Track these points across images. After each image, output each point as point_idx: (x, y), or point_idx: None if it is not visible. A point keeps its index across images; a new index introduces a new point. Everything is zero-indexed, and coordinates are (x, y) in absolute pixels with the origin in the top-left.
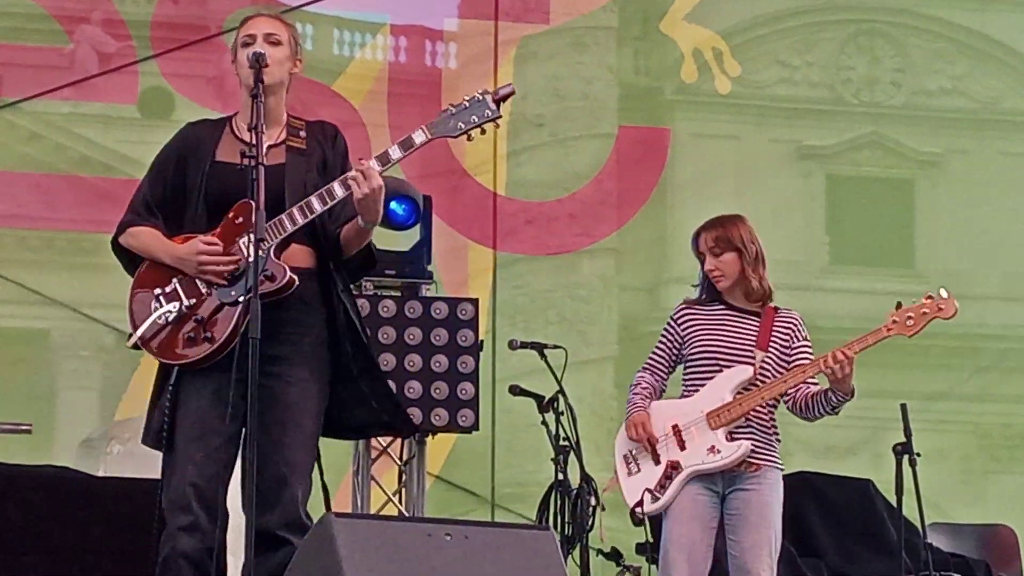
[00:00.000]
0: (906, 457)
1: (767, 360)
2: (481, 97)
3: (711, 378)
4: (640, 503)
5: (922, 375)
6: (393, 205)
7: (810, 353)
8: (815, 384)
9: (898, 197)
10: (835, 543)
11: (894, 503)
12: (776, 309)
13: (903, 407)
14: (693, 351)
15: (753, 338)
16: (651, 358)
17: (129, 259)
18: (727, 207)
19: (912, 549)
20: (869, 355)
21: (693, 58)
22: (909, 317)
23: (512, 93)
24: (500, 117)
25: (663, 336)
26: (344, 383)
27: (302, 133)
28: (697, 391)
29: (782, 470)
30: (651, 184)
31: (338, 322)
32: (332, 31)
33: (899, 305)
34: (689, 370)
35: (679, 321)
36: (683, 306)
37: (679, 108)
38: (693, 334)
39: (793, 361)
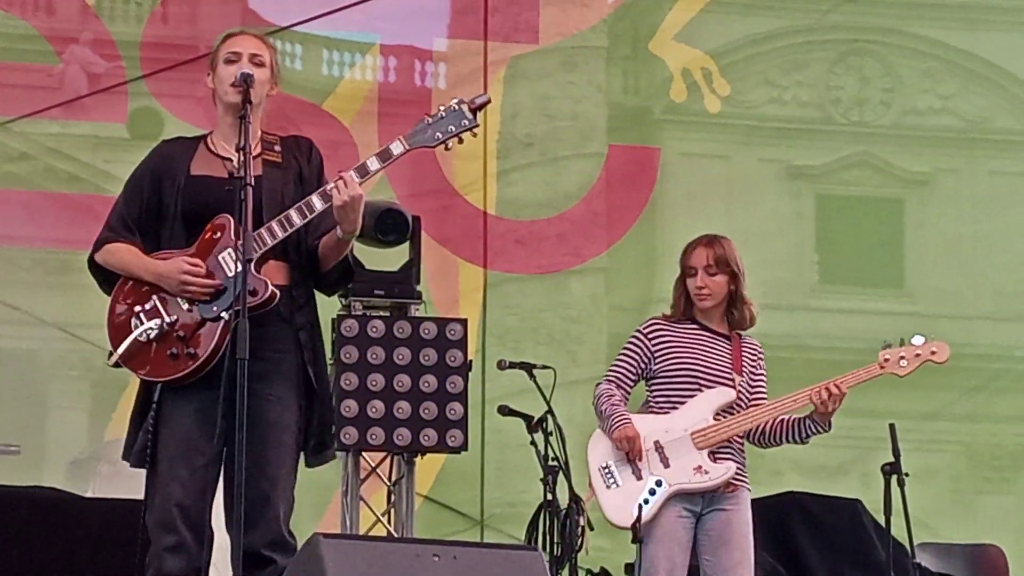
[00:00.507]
0: (895, 477)
1: (743, 384)
2: (457, 107)
3: (690, 396)
4: (640, 519)
5: (911, 395)
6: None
7: (764, 386)
8: (783, 414)
9: (888, 216)
10: (824, 563)
11: (883, 523)
12: (740, 335)
13: (891, 427)
14: (669, 366)
15: (729, 361)
16: (617, 370)
17: (104, 277)
18: (717, 227)
19: (901, 569)
20: None
21: (682, 78)
22: (902, 357)
23: (488, 102)
24: (477, 126)
25: (631, 349)
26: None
27: (276, 147)
28: (674, 408)
29: (751, 490)
30: (640, 204)
31: (301, 339)
32: (321, 51)
33: (887, 345)
34: (663, 385)
35: (650, 336)
36: (653, 321)
37: (668, 128)
38: (667, 350)
39: (754, 391)
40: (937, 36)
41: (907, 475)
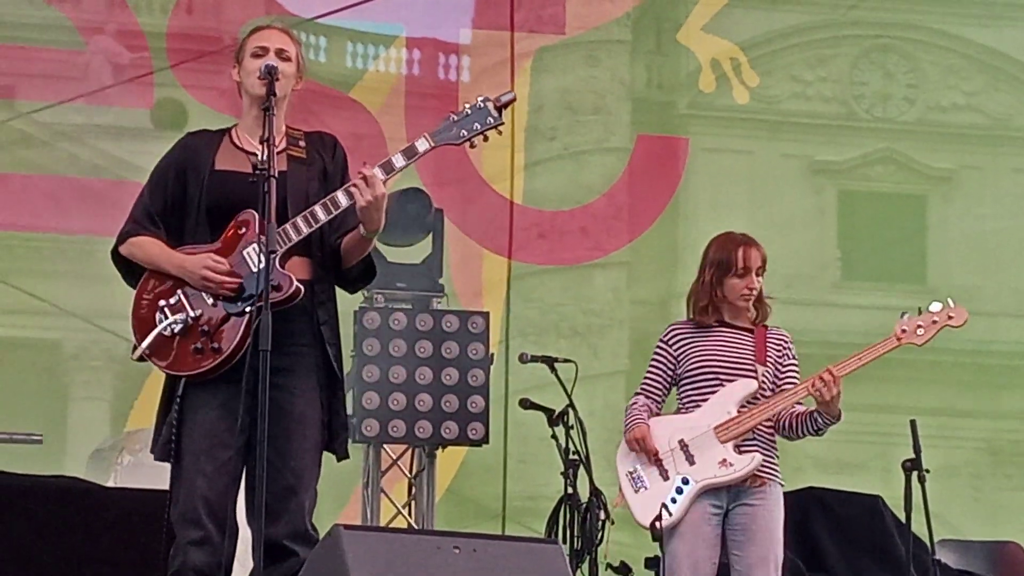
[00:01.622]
0: (915, 473)
1: (767, 374)
2: (482, 104)
3: (712, 393)
4: (659, 517)
5: (933, 391)
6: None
7: (797, 373)
8: (801, 404)
9: (910, 213)
10: (844, 559)
11: (903, 519)
12: (767, 327)
13: (912, 423)
14: (691, 368)
15: (751, 353)
16: (646, 381)
17: (128, 269)
18: (739, 222)
19: (921, 565)
20: (879, 370)
21: (711, 68)
22: (919, 326)
23: (513, 100)
24: (503, 124)
25: (656, 359)
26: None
27: (301, 143)
28: (698, 407)
29: (783, 485)
30: (663, 198)
31: (324, 334)
32: (346, 43)
33: (903, 315)
34: (687, 387)
35: (671, 342)
36: (673, 327)
37: (692, 122)
38: (688, 353)
39: (784, 378)
40: (962, 33)
41: (928, 471)
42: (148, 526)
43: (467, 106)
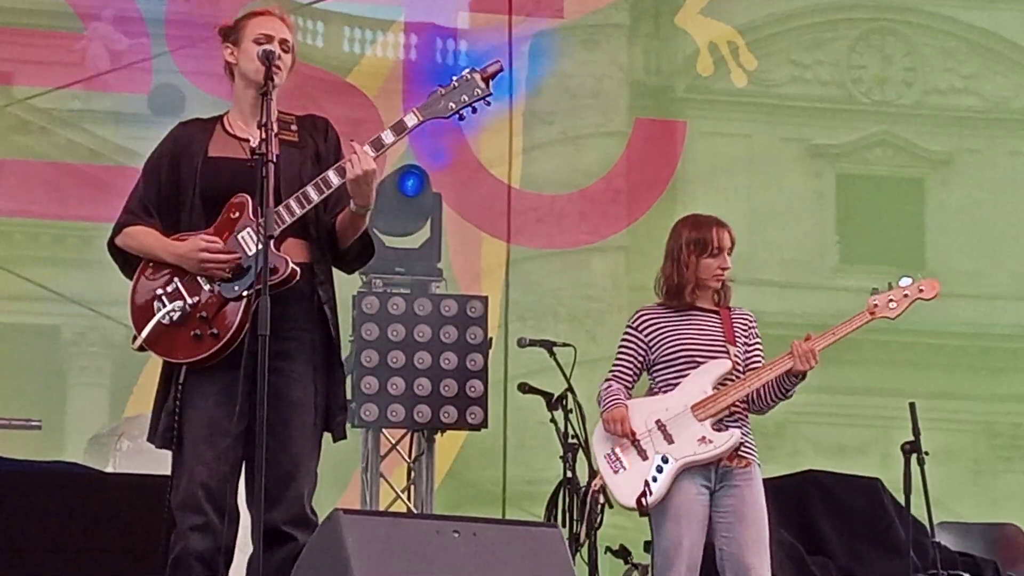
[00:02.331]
0: (914, 456)
1: (738, 354)
2: (469, 76)
3: (687, 375)
4: (644, 494)
5: (932, 374)
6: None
7: (762, 352)
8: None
9: (908, 196)
10: (843, 542)
11: (902, 502)
12: (730, 308)
13: (912, 406)
14: (667, 352)
15: (721, 334)
16: (617, 367)
17: (125, 260)
18: (738, 206)
19: (920, 548)
20: (878, 353)
21: (709, 51)
22: (891, 300)
23: (500, 70)
24: (491, 95)
25: (626, 345)
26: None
27: (293, 127)
28: (674, 388)
29: (761, 466)
30: (661, 182)
31: (326, 314)
32: (343, 28)
33: (875, 291)
34: (662, 370)
35: (641, 328)
36: (642, 312)
37: (689, 106)
38: (661, 337)
39: (750, 358)
40: (959, 16)
41: (927, 454)
42: (147, 511)
43: (454, 79)
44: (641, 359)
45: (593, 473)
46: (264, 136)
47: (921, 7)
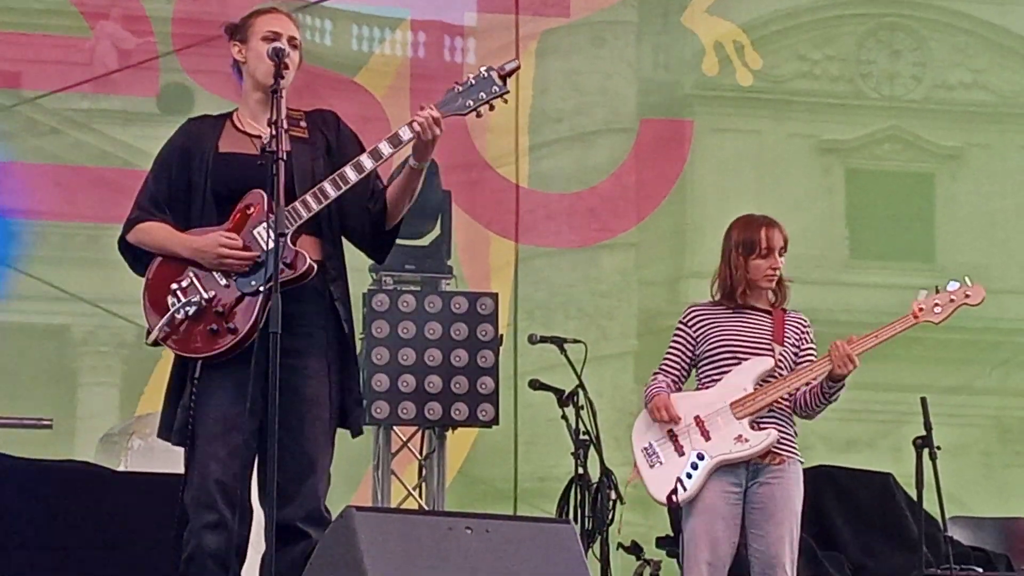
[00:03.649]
0: (926, 451)
1: (784, 354)
2: (487, 74)
3: (729, 371)
4: (675, 491)
5: (942, 369)
6: None
7: (814, 356)
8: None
9: (918, 191)
10: (855, 537)
11: (914, 497)
12: (785, 310)
13: (923, 400)
14: (711, 347)
15: (770, 333)
16: (666, 361)
17: (135, 257)
18: (747, 202)
19: (933, 542)
20: (889, 349)
21: (714, 51)
22: (936, 304)
23: (517, 68)
24: (508, 92)
25: (676, 340)
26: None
27: (302, 123)
28: (716, 384)
29: (803, 463)
30: (670, 179)
31: (339, 311)
32: (351, 26)
33: (920, 292)
34: (706, 365)
35: (690, 323)
36: (693, 308)
37: (698, 103)
38: (708, 333)
39: (801, 361)
40: (968, 10)
41: (939, 448)
42: (159, 510)
43: (471, 76)
44: (690, 354)
45: (606, 470)
46: (274, 133)
47: (930, 2)
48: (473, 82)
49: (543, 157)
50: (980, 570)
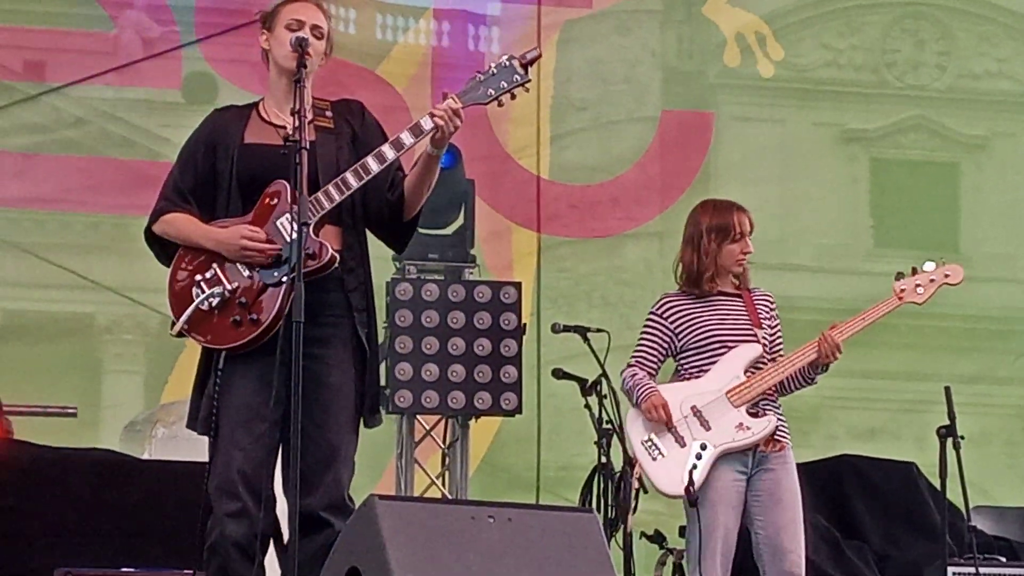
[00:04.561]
0: (950, 440)
1: (765, 336)
2: (508, 63)
3: (717, 360)
4: (692, 482)
5: (966, 357)
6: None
7: (781, 333)
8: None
9: (943, 180)
10: (879, 526)
11: (938, 486)
12: (749, 290)
13: (947, 390)
14: (694, 337)
15: (747, 317)
16: (641, 353)
17: (162, 247)
18: (771, 191)
19: (956, 532)
20: (913, 338)
21: (736, 42)
22: (918, 285)
23: (538, 57)
24: (529, 81)
25: (649, 331)
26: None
27: (328, 113)
28: (705, 373)
29: (792, 449)
30: (694, 168)
31: (353, 301)
32: (375, 16)
33: (899, 276)
34: (691, 356)
35: (666, 315)
36: (666, 299)
37: (723, 91)
38: (688, 323)
39: (774, 339)
40: None
41: (962, 438)
42: (183, 498)
43: (492, 65)
44: (666, 345)
45: (629, 459)
46: (297, 123)
47: None
48: (495, 71)
49: (567, 147)
50: (1004, 560)
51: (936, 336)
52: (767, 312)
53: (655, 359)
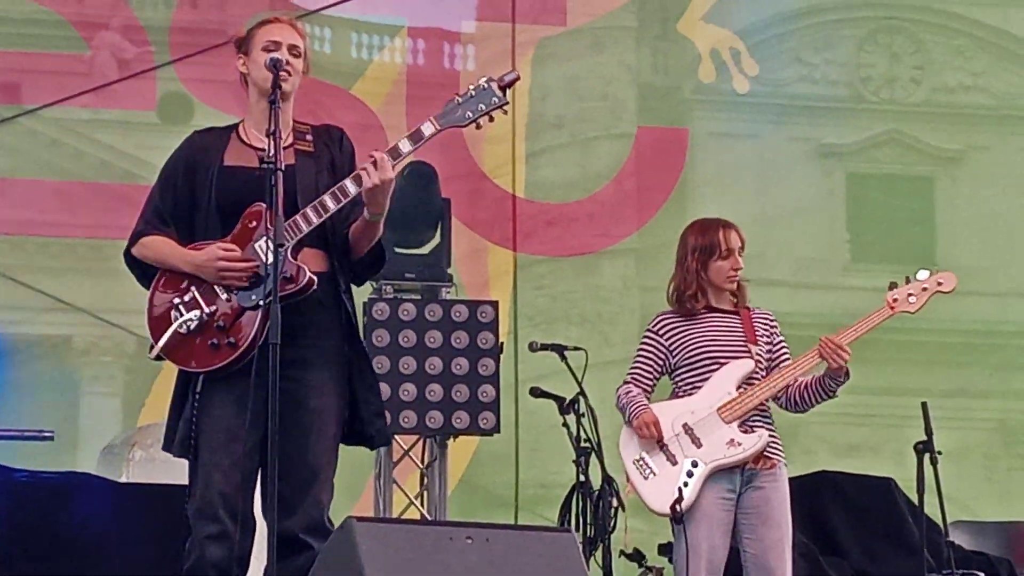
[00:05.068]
0: (927, 455)
1: (760, 353)
2: (486, 85)
3: (710, 376)
4: (679, 500)
5: (944, 372)
6: None
7: (788, 350)
8: (804, 376)
9: (919, 194)
10: (857, 542)
11: (916, 501)
12: (749, 308)
13: (924, 405)
14: (688, 355)
15: (742, 334)
16: (636, 370)
17: (142, 271)
18: (747, 206)
19: (934, 547)
20: (890, 352)
21: (711, 58)
22: (910, 294)
23: (517, 79)
24: (507, 104)
25: (645, 349)
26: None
27: (308, 136)
28: (698, 390)
29: (787, 465)
30: (671, 184)
31: (344, 324)
32: (350, 34)
33: (892, 285)
34: (684, 373)
35: (661, 332)
36: (662, 316)
37: (698, 107)
38: (682, 341)
39: (777, 358)
40: (968, 13)
41: (940, 453)
42: (161, 521)
43: (471, 88)
44: (660, 362)
45: (607, 477)
46: (272, 144)
47: (929, 5)
48: (473, 93)
49: (543, 164)
50: (982, 574)
51: (913, 350)
52: (766, 329)
53: (650, 376)
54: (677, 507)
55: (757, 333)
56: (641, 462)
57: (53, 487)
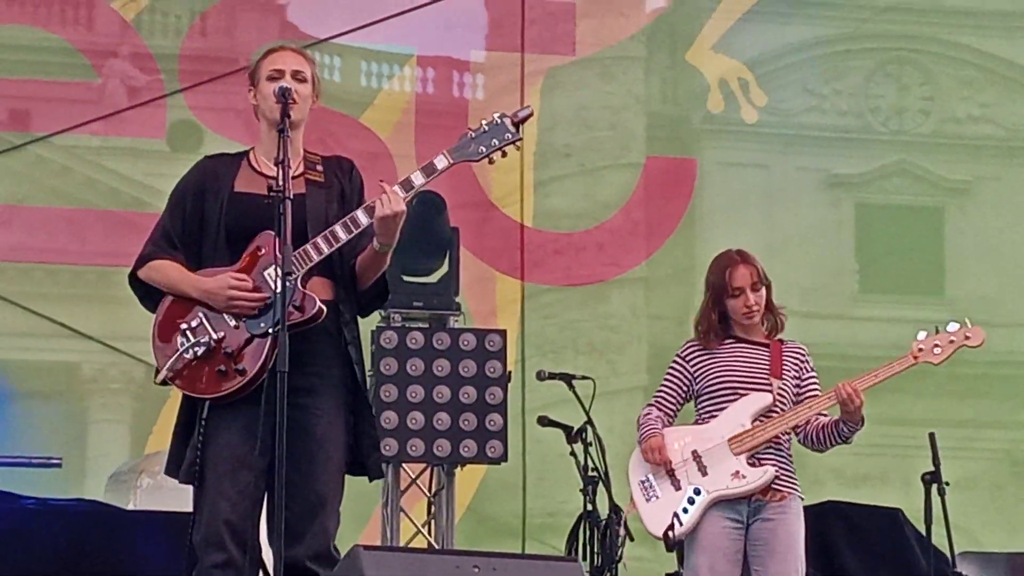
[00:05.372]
0: (935, 486)
1: (783, 388)
2: (500, 120)
3: (727, 406)
4: (672, 527)
5: (952, 402)
6: None
7: (818, 385)
8: (825, 415)
9: (927, 225)
10: (865, 572)
11: (923, 532)
12: (782, 341)
13: (931, 436)
14: (709, 383)
15: (767, 367)
16: (660, 394)
17: (145, 292)
18: (756, 236)
19: None
20: (897, 383)
21: (719, 88)
22: (936, 345)
23: (530, 115)
24: (521, 139)
25: (671, 373)
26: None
27: (319, 167)
28: (714, 419)
29: (803, 498)
30: (679, 213)
31: (351, 354)
32: (359, 63)
33: (920, 333)
34: (705, 400)
35: (688, 358)
36: (691, 342)
37: (707, 137)
38: (706, 369)
39: (804, 392)
40: (977, 44)
41: (947, 484)
42: (168, 549)
43: (484, 122)
44: (685, 388)
45: (614, 506)
46: (281, 173)
47: (938, 36)
48: (486, 128)
49: (551, 193)
50: None
51: (921, 381)
52: (795, 364)
53: (673, 400)
54: (670, 533)
55: (784, 367)
56: (647, 483)
57: (61, 514)
